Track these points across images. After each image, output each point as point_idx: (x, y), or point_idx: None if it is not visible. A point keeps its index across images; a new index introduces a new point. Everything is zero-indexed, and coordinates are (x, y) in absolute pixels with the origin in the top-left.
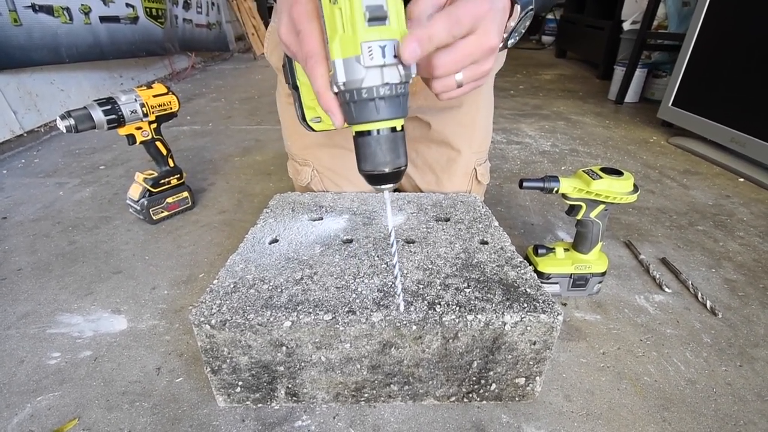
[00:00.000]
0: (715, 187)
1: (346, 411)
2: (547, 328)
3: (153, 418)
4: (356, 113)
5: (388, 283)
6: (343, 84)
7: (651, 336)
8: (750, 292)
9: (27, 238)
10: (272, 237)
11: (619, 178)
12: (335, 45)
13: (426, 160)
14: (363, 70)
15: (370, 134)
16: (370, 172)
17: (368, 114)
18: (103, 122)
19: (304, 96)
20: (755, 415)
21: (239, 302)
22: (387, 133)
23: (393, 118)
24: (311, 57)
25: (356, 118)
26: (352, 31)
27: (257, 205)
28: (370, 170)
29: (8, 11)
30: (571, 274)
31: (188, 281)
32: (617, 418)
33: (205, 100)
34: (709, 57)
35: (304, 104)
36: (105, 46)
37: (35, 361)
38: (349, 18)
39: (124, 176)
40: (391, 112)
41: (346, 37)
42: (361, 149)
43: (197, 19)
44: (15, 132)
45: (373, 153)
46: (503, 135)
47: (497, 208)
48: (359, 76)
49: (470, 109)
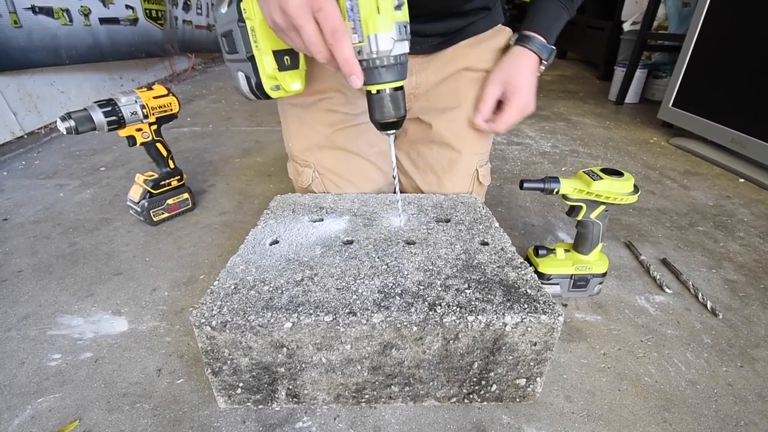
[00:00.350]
0: (716, 188)
1: (347, 412)
2: (547, 329)
3: (154, 419)
4: (376, 76)
5: (388, 284)
6: (376, 53)
7: (652, 337)
8: (750, 293)
9: (27, 240)
10: (273, 238)
11: (619, 178)
12: (373, 23)
13: (427, 161)
14: (392, 43)
15: (382, 92)
16: (382, 120)
17: (385, 76)
18: (104, 124)
19: (263, 65)
20: (756, 416)
21: (240, 303)
22: (393, 92)
23: (400, 79)
24: (338, 31)
25: (375, 80)
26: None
27: (258, 207)
28: (381, 119)
29: (8, 13)
30: (572, 275)
31: (189, 283)
32: (618, 419)
33: (205, 102)
34: (710, 58)
35: (263, 74)
36: (105, 47)
37: (36, 362)
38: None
39: (125, 178)
40: (401, 75)
41: (381, 17)
42: (375, 104)
43: (197, 20)
44: (15, 133)
45: (385, 106)
46: (503, 136)
47: (498, 209)
48: (388, 47)
49: (471, 110)
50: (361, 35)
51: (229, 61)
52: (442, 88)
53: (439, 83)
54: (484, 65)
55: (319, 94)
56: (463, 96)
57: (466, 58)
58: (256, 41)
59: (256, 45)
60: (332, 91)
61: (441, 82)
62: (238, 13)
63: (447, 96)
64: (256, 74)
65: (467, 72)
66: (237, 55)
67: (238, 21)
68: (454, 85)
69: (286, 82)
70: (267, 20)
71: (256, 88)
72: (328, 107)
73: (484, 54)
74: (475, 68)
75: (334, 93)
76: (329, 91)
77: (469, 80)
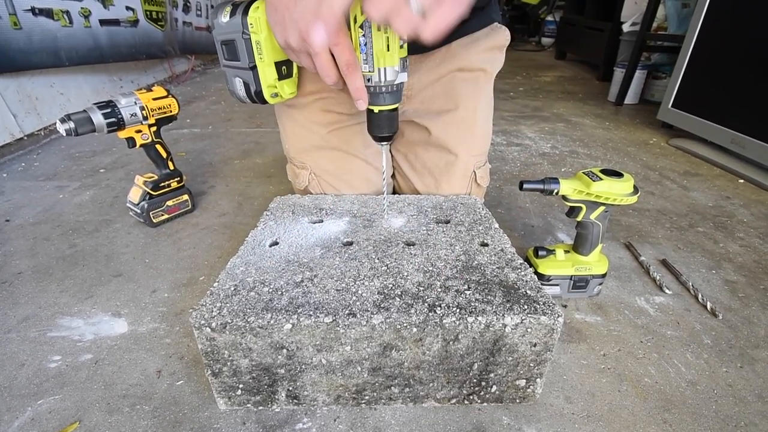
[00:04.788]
0: (715, 189)
1: (347, 413)
2: (547, 330)
3: (154, 421)
4: (380, 100)
5: (388, 285)
6: (383, 82)
7: (651, 337)
8: (750, 294)
9: (27, 242)
10: (272, 240)
11: (619, 179)
12: (383, 58)
13: (425, 163)
14: (396, 74)
15: (382, 113)
16: (380, 135)
17: (387, 100)
18: (103, 125)
19: (265, 76)
20: (756, 417)
21: (240, 305)
22: (390, 112)
23: (397, 103)
24: (352, 64)
25: (378, 103)
26: (394, 50)
27: (257, 208)
28: (379, 134)
29: (8, 14)
30: (572, 276)
31: (188, 284)
32: (618, 420)
33: (204, 103)
34: (709, 58)
35: (265, 83)
36: (105, 49)
37: (36, 364)
38: (393, 42)
39: (124, 179)
40: (398, 100)
41: (390, 54)
42: (375, 121)
43: (197, 22)
44: (15, 135)
45: (382, 124)
46: (503, 137)
47: (497, 210)
48: (393, 78)
49: (468, 111)
50: (372, 66)
51: (226, 67)
52: (436, 90)
53: (433, 84)
54: (478, 65)
55: (312, 94)
56: (458, 98)
57: (459, 58)
58: (260, 53)
59: (260, 57)
60: (325, 91)
61: (434, 83)
62: (243, 25)
63: (442, 98)
64: (256, 83)
65: (461, 73)
66: (238, 63)
67: (242, 32)
68: (448, 87)
69: (284, 90)
70: (278, 39)
71: (255, 95)
72: (323, 107)
73: (478, 53)
74: (469, 68)
75: (328, 92)
76: (323, 91)
77: (463, 81)
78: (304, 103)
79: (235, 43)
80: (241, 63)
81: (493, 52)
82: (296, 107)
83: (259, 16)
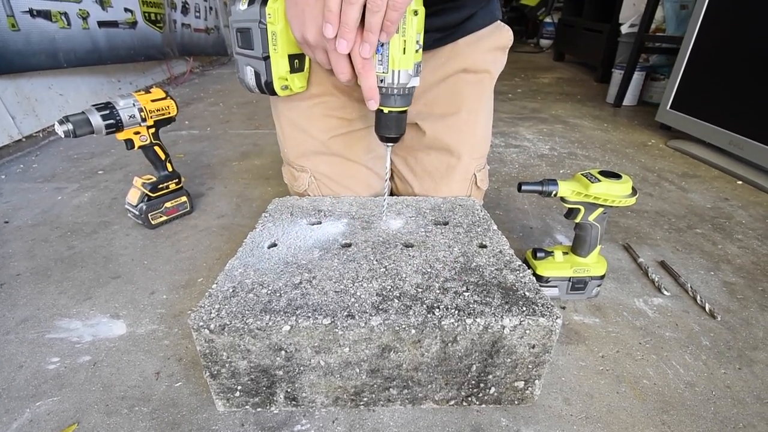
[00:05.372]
0: (714, 190)
1: (346, 415)
2: (546, 332)
3: (152, 422)
4: (391, 101)
5: (386, 287)
6: (396, 84)
7: (650, 339)
8: (749, 295)
9: (26, 243)
10: (271, 241)
11: (617, 181)
12: (399, 61)
13: (425, 167)
14: (409, 78)
15: (392, 114)
16: (387, 135)
17: (398, 102)
18: (102, 127)
19: (277, 67)
20: (754, 418)
21: (238, 307)
22: (399, 114)
23: (407, 105)
24: (368, 63)
25: (389, 104)
26: (410, 54)
27: (256, 210)
28: (387, 134)
29: (6, 16)
30: (570, 278)
31: (187, 286)
32: (616, 422)
33: (203, 105)
34: (708, 60)
35: (276, 74)
36: (103, 50)
37: (34, 366)
38: (410, 46)
39: (123, 181)
40: (408, 102)
41: (405, 57)
42: (384, 122)
43: (195, 23)
44: (13, 137)
45: (391, 124)
46: (501, 138)
47: (496, 212)
48: (406, 81)
49: (470, 114)
50: (386, 68)
51: (239, 55)
52: (440, 91)
53: (437, 84)
54: (483, 66)
55: (314, 97)
56: (462, 100)
57: (463, 58)
58: (275, 45)
59: (274, 48)
60: (327, 95)
61: (439, 84)
62: (260, 15)
63: (446, 101)
64: (268, 73)
65: (465, 74)
66: (251, 52)
67: (259, 22)
68: (452, 89)
69: (295, 83)
70: (295, 33)
71: (264, 85)
72: (324, 112)
73: (483, 53)
74: (474, 69)
75: (329, 96)
76: (324, 95)
77: (468, 84)
78: (304, 107)
79: (250, 32)
80: (255, 52)
81: (497, 53)
82: (296, 110)
83: (278, 7)
